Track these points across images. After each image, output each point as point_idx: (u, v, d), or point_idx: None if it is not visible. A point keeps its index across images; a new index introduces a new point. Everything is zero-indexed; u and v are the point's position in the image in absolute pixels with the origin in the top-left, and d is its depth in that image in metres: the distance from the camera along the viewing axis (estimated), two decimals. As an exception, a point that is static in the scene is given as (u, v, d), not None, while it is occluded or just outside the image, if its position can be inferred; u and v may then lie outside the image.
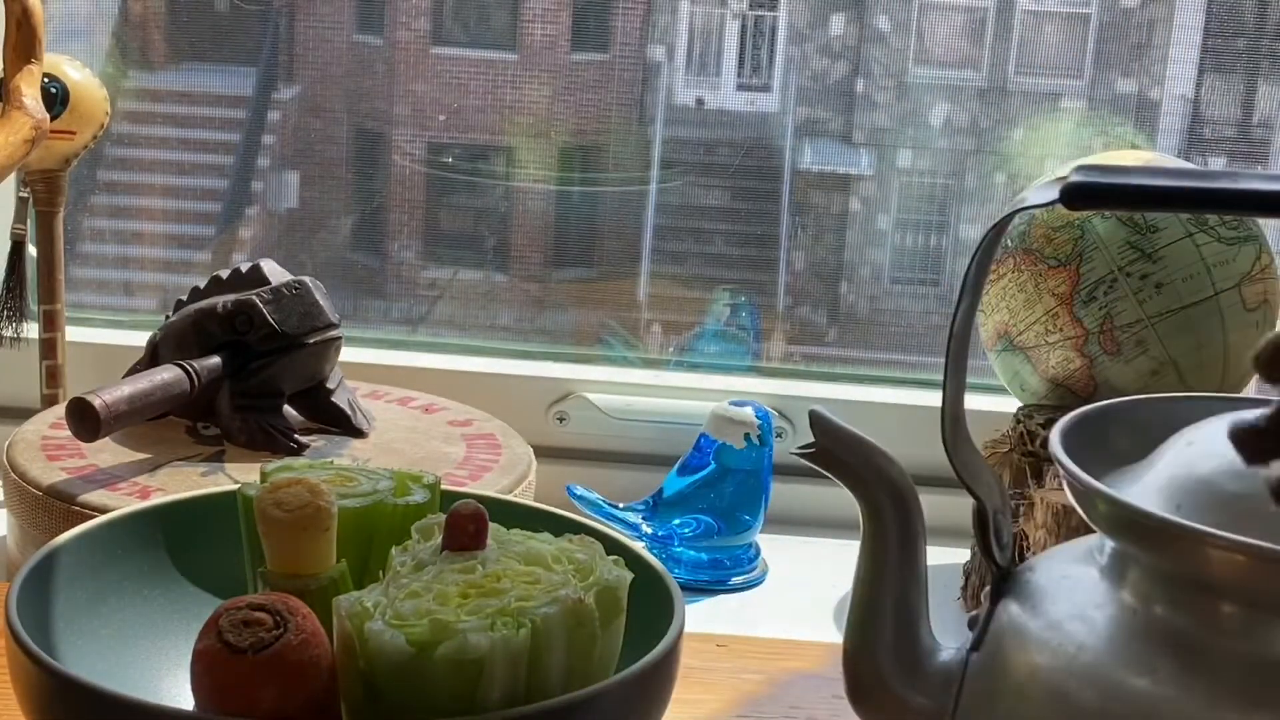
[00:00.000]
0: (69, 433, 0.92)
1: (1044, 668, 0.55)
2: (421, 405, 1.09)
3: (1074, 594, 0.57)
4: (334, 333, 1.00)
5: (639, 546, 0.71)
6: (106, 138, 1.15)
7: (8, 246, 1.12)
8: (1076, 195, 0.54)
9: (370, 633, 0.57)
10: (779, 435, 1.13)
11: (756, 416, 1.04)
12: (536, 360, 1.25)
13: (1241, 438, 0.51)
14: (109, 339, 1.22)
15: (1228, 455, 0.54)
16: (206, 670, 0.56)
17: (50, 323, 1.11)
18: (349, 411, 1.02)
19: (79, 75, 1.07)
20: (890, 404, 1.19)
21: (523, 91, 1.45)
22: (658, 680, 0.62)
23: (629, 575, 0.62)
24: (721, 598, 1.03)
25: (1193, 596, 0.53)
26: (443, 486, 0.72)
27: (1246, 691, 0.51)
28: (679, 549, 1.04)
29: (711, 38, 1.48)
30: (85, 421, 0.91)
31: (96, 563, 0.70)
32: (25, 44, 1.00)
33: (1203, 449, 0.56)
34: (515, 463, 0.99)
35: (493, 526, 0.63)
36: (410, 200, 1.47)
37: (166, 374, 0.96)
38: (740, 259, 1.55)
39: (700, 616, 0.99)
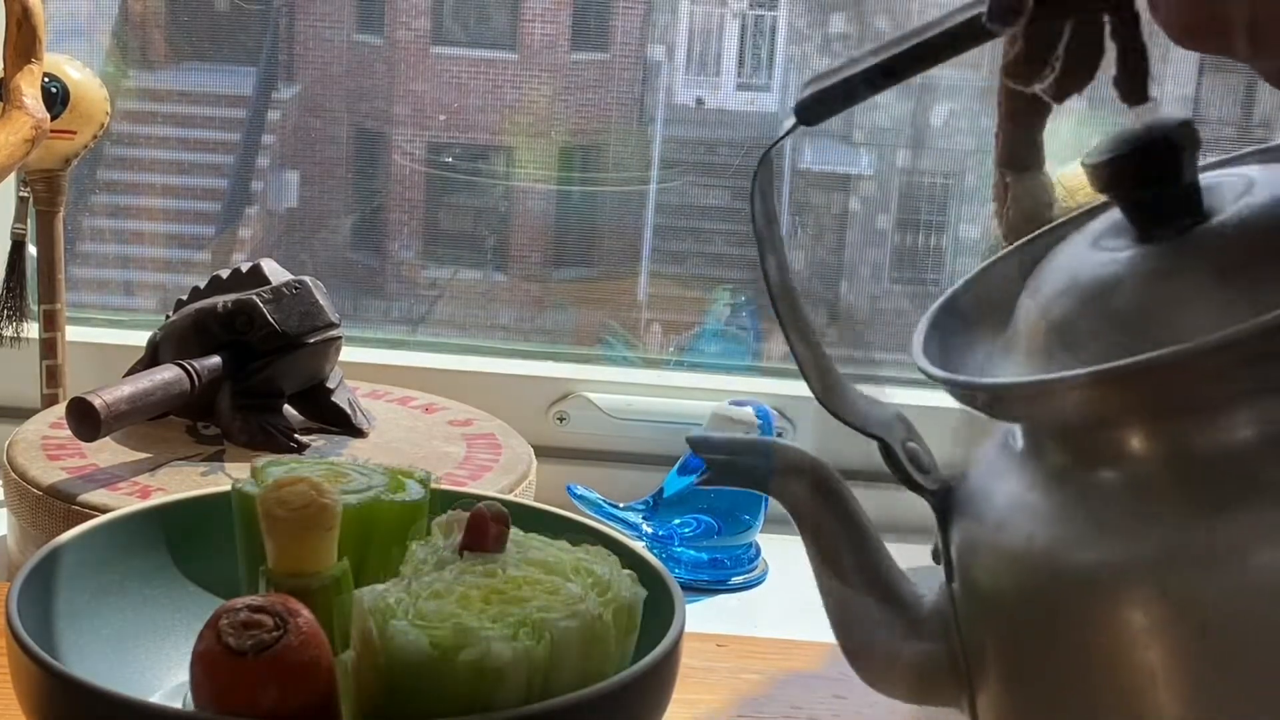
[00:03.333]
0: (69, 432, 0.92)
1: (1012, 571, 0.54)
2: (422, 405, 1.09)
3: (1005, 488, 0.56)
4: (334, 332, 1.00)
5: (639, 546, 0.71)
6: (107, 137, 1.15)
7: (8, 246, 1.12)
8: (808, 111, 0.57)
9: (394, 630, 0.57)
10: (779, 435, 1.13)
11: (756, 416, 1.04)
12: (536, 360, 1.25)
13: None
14: (109, 339, 1.22)
15: (1074, 288, 0.54)
16: (207, 673, 0.56)
17: (50, 322, 1.11)
18: (349, 411, 1.02)
19: (79, 75, 1.07)
20: (889, 403, 1.19)
21: (523, 91, 1.45)
22: (658, 680, 0.62)
23: (644, 592, 0.62)
24: (721, 598, 1.03)
25: (1097, 442, 0.52)
26: (443, 486, 0.72)
27: (1180, 501, 0.50)
28: (679, 549, 1.04)
29: (711, 38, 1.48)
30: (85, 421, 0.91)
31: (97, 562, 0.70)
32: (25, 43, 1.00)
33: (1049, 291, 0.56)
34: (515, 462, 0.99)
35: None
36: (410, 200, 1.47)
37: (167, 374, 0.96)
38: (740, 259, 1.55)
39: (700, 616, 0.99)
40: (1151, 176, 0.53)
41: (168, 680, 0.69)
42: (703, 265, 1.50)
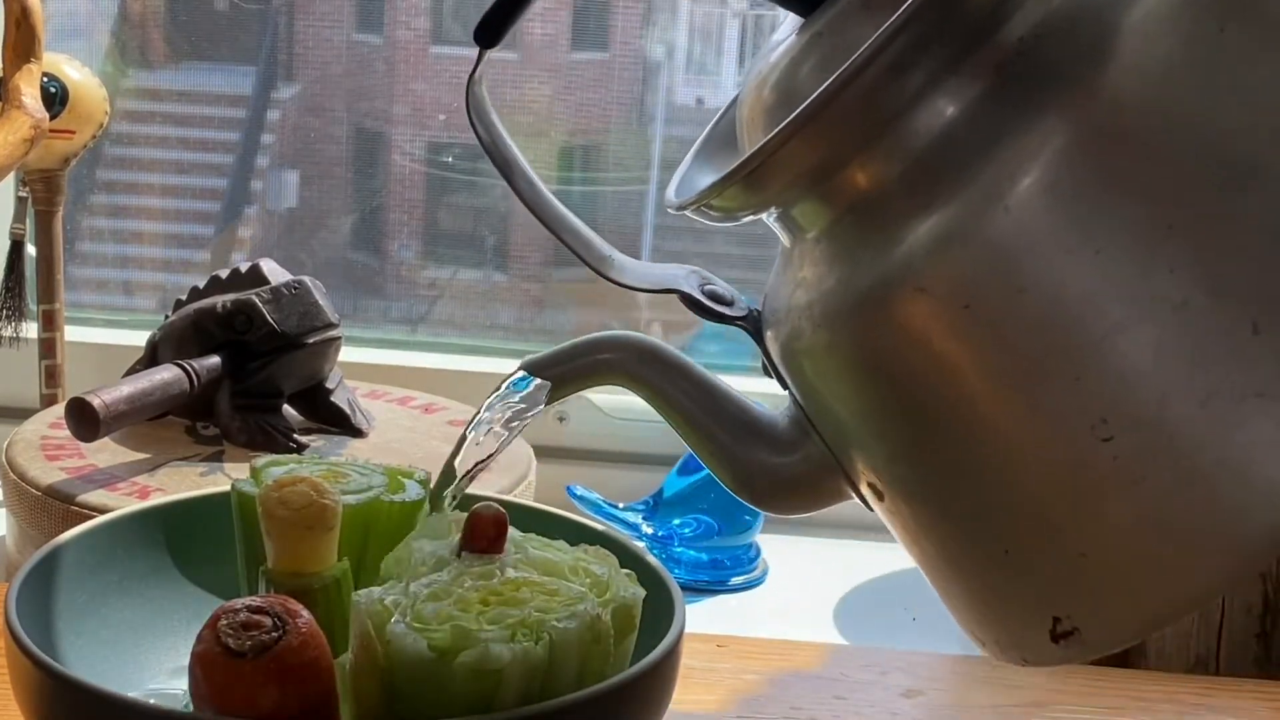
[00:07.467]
0: (68, 432, 0.92)
1: (814, 343, 0.57)
2: (421, 405, 1.09)
3: (785, 282, 0.60)
4: (333, 332, 1.00)
5: (639, 547, 0.71)
6: (106, 137, 1.15)
7: (7, 246, 1.12)
8: (483, 33, 0.64)
9: (392, 634, 0.57)
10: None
11: (757, 416, 1.04)
12: (536, 360, 1.25)
13: None
14: (108, 339, 1.22)
15: (761, 83, 0.59)
16: (206, 674, 0.56)
17: (49, 322, 1.11)
18: (348, 411, 1.02)
19: (78, 74, 1.07)
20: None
21: (523, 91, 1.45)
22: (658, 680, 0.62)
23: (643, 593, 0.62)
24: (721, 598, 1.03)
25: (823, 196, 0.56)
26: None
27: (903, 209, 0.54)
28: (679, 549, 1.03)
29: (711, 37, 1.48)
30: (84, 421, 0.90)
31: (96, 563, 0.70)
32: (24, 43, 1.00)
33: (747, 98, 0.61)
34: (515, 463, 0.99)
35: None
36: (410, 200, 1.47)
37: (166, 374, 0.96)
38: (740, 258, 1.54)
39: (700, 616, 0.99)
40: None
41: (168, 681, 0.69)
42: (703, 265, 1.50)
